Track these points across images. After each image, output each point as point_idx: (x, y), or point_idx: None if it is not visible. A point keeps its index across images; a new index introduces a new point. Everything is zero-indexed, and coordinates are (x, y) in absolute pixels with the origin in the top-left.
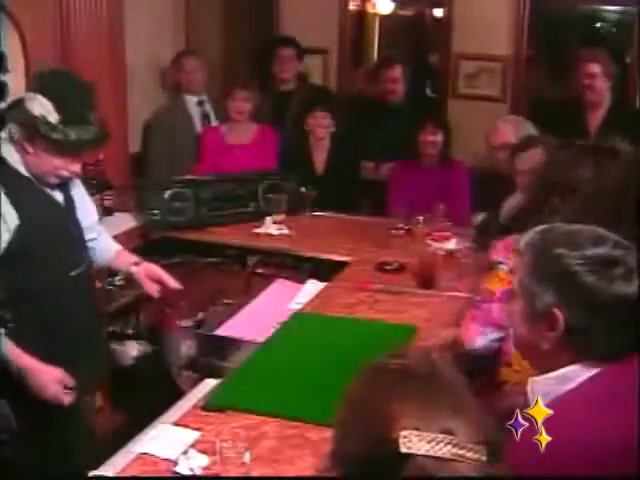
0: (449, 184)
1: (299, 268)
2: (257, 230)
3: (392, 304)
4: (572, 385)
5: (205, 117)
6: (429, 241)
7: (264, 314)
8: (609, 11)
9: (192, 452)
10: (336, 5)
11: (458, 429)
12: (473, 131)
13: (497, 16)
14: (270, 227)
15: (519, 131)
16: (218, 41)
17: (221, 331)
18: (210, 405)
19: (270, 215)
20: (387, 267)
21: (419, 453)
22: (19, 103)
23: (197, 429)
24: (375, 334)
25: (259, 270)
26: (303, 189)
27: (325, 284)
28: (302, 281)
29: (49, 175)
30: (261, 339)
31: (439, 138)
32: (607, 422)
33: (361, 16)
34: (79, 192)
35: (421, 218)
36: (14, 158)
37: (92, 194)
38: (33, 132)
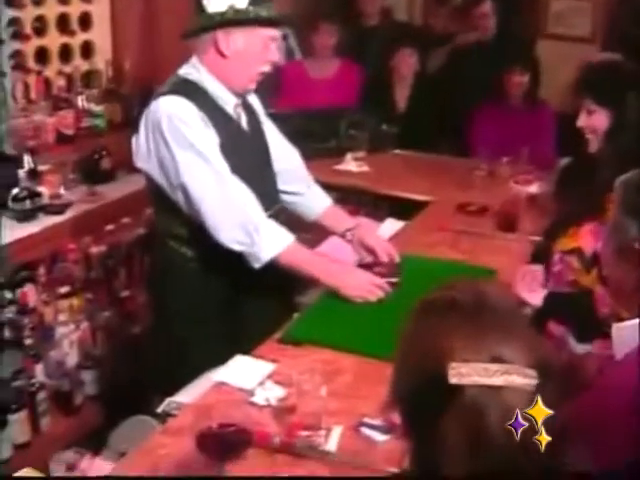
0: (535, 126)
1: (378, 206)
2: (337, 167)
3: (472, 246)
4: None
5: (289, 52)
6: (512, 184)
7: (342, 251)
8: None
9: (269, 383)
10: None
11: (507, 354)
12: (561, 72)
13: None
14: (350, 164)
15: None
16: None
17: None
18: (286, 338)
19: (351, 152)
20: (468, 208)
21: (469, 383)
22: (199, 12)
23: (273, 361)
24: (455, 275)
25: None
26: (385, 126)
27: (404, 223)
28: (381, 219)
29: (252, 74)
30: None
31: (526, 79)
32: None
33: None
34: (269, 127)
35: (505, 160)
36: (204, 77)
37: None
38: (226, 26)
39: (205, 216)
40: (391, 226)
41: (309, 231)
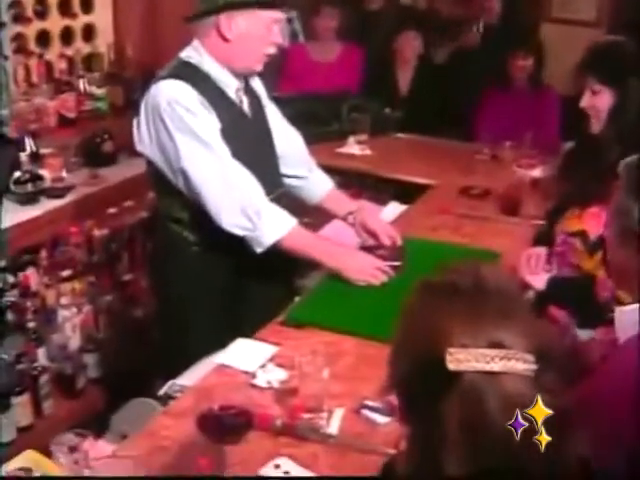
0: (539, 110)
1: (381, 189)
2: (340, 150)
3: (475, 229)
4: None
5: (294, 35)
6: (515, 167)
7: (344, 235)
8: None
9: (270, 366)
10: None
11: (506, 339)
12: (566, 57)
13: None
14: (353, 147)
15: None
16: None
17: None
18: (289, 321)
19: (353, 135)
20: (471, 192)
21: (467, 370)
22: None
23: (276, 344)
24: (457, 258)
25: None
26: (387, 110)
27: (407, 206)
28: (384, 202)
29: (256, 57)
30: None
31: (530, 63)
32: None
33: None
34: (272, 111)
35: (508, 144)
36: (206, 61)
37: None
38: (228, 9)
39: (206, 201)
40: (394, 209)
41: (311, 215)
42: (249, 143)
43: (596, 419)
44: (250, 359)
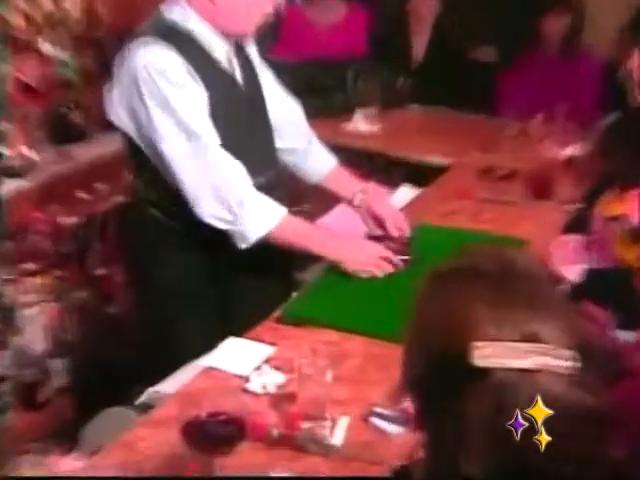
0: (576, 78)
1: (392, 171)
2: (344, 126)
3: (498, 215)
4: None
5: None
6: (547, 144)
7: (350, 222)
8: None
9: (266, 368)
10: None
11: (541, 330)
12: (608, 13)
13: None
14: (360, 122)
15: None
16: None
17: None
18: (286, 318)
19: (360, 108)
20: (495, 173)
21: (496, 366)
22: None
23: (272, 343)
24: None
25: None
26: (400, 78)
27: (421, 190)
28: (395, 186)
29: (250, 17)
30: None
31: (565, 22)
32: None
33: None
34: (267, 78)
35: (539, 117)
36: (192, 21)
37: None
38: None
39: (183, 187)
40: (405, 194)
41: (310, 201)
42: (240, 116)
43: (634, 423)
44: (243, 361)
